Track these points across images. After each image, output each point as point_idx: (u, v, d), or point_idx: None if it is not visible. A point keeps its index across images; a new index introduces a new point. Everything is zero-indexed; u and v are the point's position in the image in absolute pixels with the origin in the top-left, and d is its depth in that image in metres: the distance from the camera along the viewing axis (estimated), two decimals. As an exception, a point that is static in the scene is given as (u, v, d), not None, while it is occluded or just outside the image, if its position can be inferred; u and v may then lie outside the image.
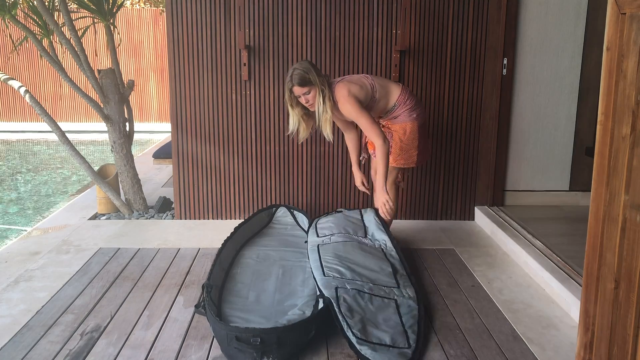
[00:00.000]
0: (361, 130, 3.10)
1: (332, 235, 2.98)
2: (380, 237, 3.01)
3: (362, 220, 3.19)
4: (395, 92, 2.95)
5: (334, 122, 3.04)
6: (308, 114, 2.95)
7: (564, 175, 3.92)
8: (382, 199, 2.91)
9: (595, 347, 1.49)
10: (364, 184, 3.22)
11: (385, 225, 3.10)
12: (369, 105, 2.89)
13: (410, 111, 2.96)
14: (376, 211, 3.22)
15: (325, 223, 3.18)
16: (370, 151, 3.20)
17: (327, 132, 2.87)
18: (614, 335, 1.40)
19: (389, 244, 2.95)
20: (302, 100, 2.82)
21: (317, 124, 2.87)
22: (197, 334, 2.29)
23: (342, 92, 2.80)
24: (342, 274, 2.54)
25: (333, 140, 3.10)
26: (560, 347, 2.22)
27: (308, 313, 2.35)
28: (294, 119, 2.93)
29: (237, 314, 2.40)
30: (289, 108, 2.90)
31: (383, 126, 3.08)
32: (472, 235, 3.61)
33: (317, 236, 3.02)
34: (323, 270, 2.57)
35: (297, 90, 2.78)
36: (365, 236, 3.03)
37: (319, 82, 2.77)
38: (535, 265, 2.89)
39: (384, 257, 2.80)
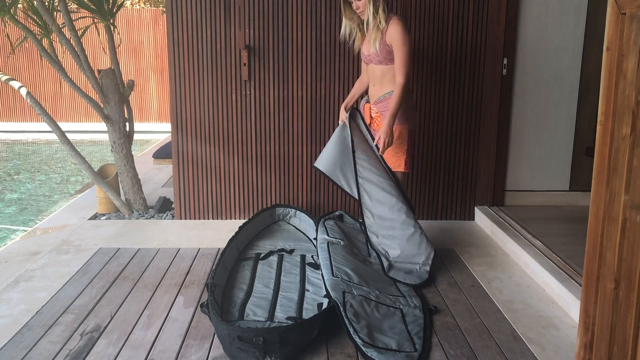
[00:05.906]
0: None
1: (341, 240, 3.00)
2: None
3: (367, 245, 3.20)
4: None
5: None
6: (361, 29, 2.98)
7: (564, 175, 3.92)
8: (383, 136, 2.81)
9: (595, 347, 1.49)
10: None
11: None
12: (392, 59, 2.86)
13: (404, 109, 2.89)
14: None
15: (334, 227, 3.19)
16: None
17: (377, 45, 2.83)
18: (614, 335, 1.40)
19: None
20: (354, 5, 2.83)
21: (365, 26, 2.86)
22: (197, 334, 2.29)
23: (397, 19, 2.81)
24: (350, 277, 2.55)
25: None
26: (560, 347, 2.22)
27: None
28: (346, 26, 2.96)
29: None
30: (343, 16, 2.96)
31: (371, 119, 3.02)
32: (472, 235, 3.61)
33: (328, 235, 3.03)
34: (332, 270, 2.58)
35: None
36: (369, 256, 3.05)
37: None
38: (535, 265, 2.89)
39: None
